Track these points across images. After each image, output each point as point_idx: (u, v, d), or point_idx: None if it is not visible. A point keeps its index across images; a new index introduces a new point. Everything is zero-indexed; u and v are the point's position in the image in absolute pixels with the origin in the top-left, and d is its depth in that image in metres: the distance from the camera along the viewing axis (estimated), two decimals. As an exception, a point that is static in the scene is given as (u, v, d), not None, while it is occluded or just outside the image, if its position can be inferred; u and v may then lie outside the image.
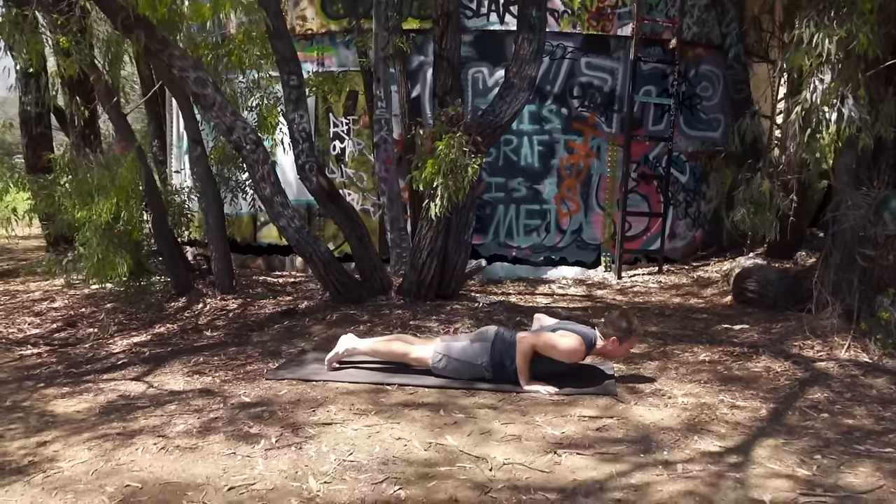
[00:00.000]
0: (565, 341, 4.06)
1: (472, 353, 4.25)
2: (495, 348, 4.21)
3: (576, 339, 4.08)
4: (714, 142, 8.77)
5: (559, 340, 4.06)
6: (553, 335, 4.09)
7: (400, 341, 4.52)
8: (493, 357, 4.19)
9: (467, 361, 4.24)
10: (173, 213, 6.96)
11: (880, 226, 4.52)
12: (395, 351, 4.40)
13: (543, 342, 4.06)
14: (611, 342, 4.16)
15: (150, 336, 5.65)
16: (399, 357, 4.40)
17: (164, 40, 5.29)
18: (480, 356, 4.22)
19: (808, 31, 4.22)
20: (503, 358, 4.17)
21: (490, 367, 4.19)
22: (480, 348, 4.24)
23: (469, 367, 4.24)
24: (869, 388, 4.11)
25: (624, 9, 7.96)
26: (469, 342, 4.32)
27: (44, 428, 3.56)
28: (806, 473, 2.99)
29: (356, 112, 8.12)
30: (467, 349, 4.28)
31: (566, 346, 4.05)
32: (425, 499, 2.75)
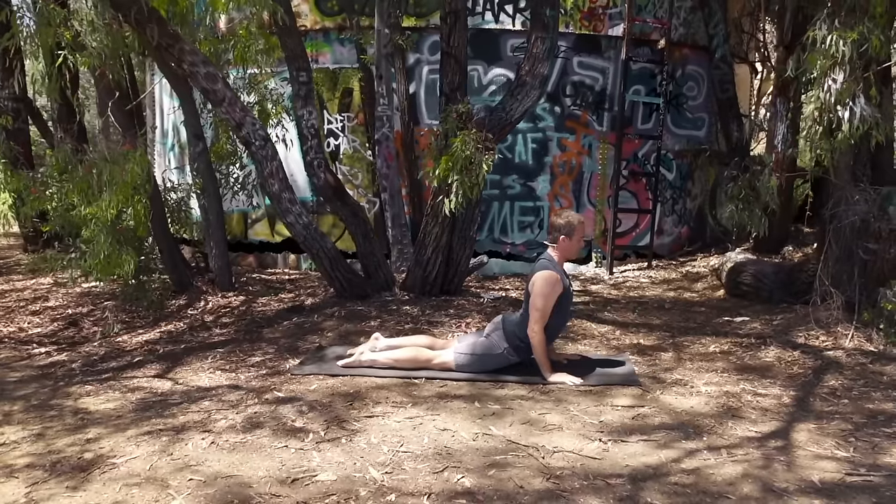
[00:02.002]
0: (539, 286, 4.18)
1: (492, 343, 4.36)
2: (506, 329, 4.34)
3: (541, 274, 4.21)
4: (699, 140, 8.99)
5: (538, 293, 4.17)
6: (532, 300, 4.19)
7: (419, 347, 4.52)
8: (510, 340, 4.31)
9: (490, 353, 4.34)
10: (170, 210, 6.88)
11: (884, 220, 4.72)
12: (418, 359, 4.42)
13: (538, 313, 4.17)
14: (562, 242, 4.31)
15: (159, 334, 5.60)
16: (422, 364, 4.43)
17: (175, 35, 5.24)
18: (500, 344, 4.33)
19: (821, 33, 4.37)
20: (517, 334, 4.29)
21: (511, 350, 4.31)
22: (497, 337, 4.36)
23: (493, 357, 4.33)
24: (880, 374, 4.29)
25: (615, 9, 8.10)
26: (486, 336, 4.42)
27: (84, 426, 3.52)
28: (845, 455, 3.12)
29: (351, 109, 8.11)
30: (486, 342, 4.37)
31: (543, 287, 4.18)
32: (492, 487, 2.80)
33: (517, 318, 4.39)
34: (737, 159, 7.82)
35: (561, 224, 4.33)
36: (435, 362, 4.39)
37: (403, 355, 4.45)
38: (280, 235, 8.55)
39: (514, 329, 4.33)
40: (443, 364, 4.37)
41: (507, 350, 4.32)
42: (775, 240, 7.71)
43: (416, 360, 4.43)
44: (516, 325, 4.34)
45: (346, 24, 7.96)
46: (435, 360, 4.40)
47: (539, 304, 4.19)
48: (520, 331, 4.28)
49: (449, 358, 4.37)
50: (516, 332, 4.31)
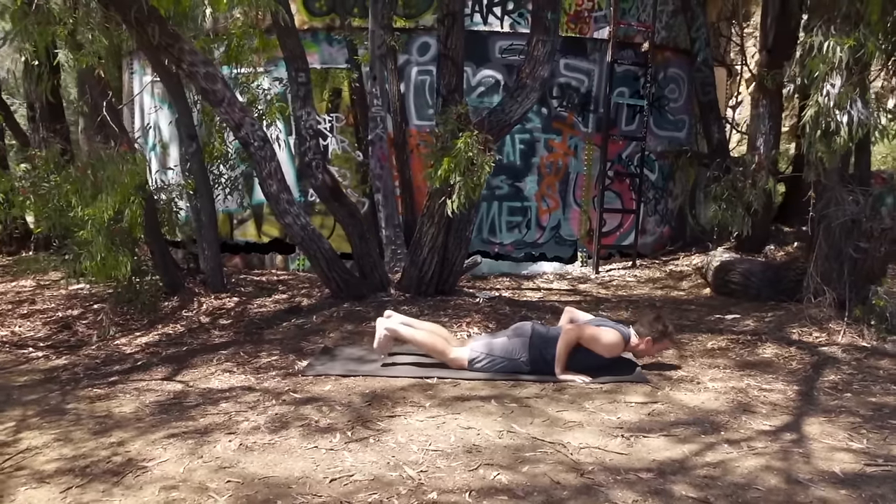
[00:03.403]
0: (608, 335, 4.27)
1: (511, 348, 4.39)
2: (533, 343, 4.37)
3: (616, 334, 4.29)
4: (680, 142, 9.18)
5: (603, 334, 4.26)
6: (598, 329, 4.27)
7: (438, 336, 4.57)
8: (531, 352, 4.35)
9: (508, 358, 4.38)
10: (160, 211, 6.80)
11: (877, 220, 4.90)
12: (436, 347, 4.48)
13: (589, 335, 4.24)
14: (645, 342, 4.39)
15: (157, 336, 5.55)
16: (438, 354, 4.48)
17: (175, 35, 5.20)
18: (520, 352, 4.37)
19: (818, 39, 4.52)
20: (542, 352, 4.33)
21: (529, 362, 4.35)
22: (520, 344, 4.39)
23: (509, 362, 4.37)
24: (876, 369, 4.45)
25: (600, 12, 8.22)
26: (507, 339, 4.45)
27: (106, 429, 3.49)
28: (860, 446, 3.25)
29: (340, 110, 8.11)
30: (507, 345, 4.41)
31: (609, 341, 4.26)
32: (528, 483, 2.86)
33: (549, 335, 4.37)
34: (718, 160, 8.01)
35: (658, 328, 4.38)
36: (450, 356, 4.43)
37: (422, 338, 4.49)
38: (267, 236, 8.51)
39: (544, 344, 4.33)
40: (457, 360, 4.42)
41: (525, 360, 4.35)
42: (757, 239, 7.90)
43: (433, 348, 4.48)
44: (547, 340, 4.34)
45: (334, 24, 7.96)
46: (450, 354, 4.43)
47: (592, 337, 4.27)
48: (547, 350, 4.30)
49: (464, 355, 4.41)
50: (542, 351, 4.32)
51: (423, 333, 4.53)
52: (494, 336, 4.54)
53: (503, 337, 4.47)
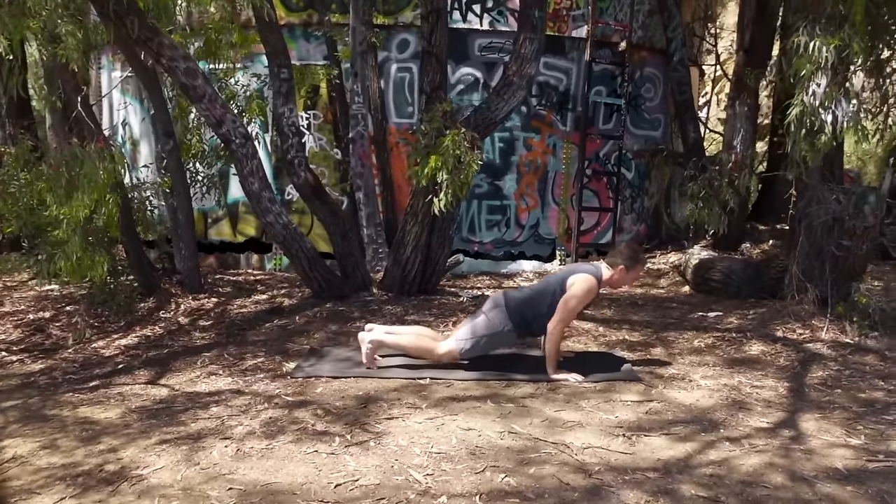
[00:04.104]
0: (581, 287, 4.21)
1: (493, 322, 4.36)
2: (511, 308, 4.34)
3: (586, 278, 4.24)
4: (656, 141, 9.24)
5: (574, 294, 4.20)
6: (566, 297, 4.20)
7: (424, 337, 4.53)
8: (512, 317, 4.33)
9: (493, 332, 4.34)
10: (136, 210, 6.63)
11: (860, 218, 4.96)
12: (423, 348, 4.43)
13: (567, 313, 4.22)
14: (618, 271, 4.33)
15: (136, 339, 5.41)
16: (427, 354, 4.44)
17: (154, 29, 5.06)
18: (502, 322, 4.34)
19: (804, 39, 4.57)
20: (524, 315, 4.32)
21: (513, 328, 4.33)
22: (499, 314, 4.35)
23: (496, 335, 4.35)
24: (862, 365, 4.52)
25: (578, 11, 8.24)
26: (486, 315, 4.40)
27: (93, 436, 3.37)
28: (858, 442, 3.28)
29: (318, 107, 8.00)
30: (487, 321, 4.37)
31: (582, 291, 4.21)
32: (537, 485, 2.82)
33: (524, 297, 4.40)
34: (694, 159, 8.09)
35: (628, 254, 4.36)
36: (439, 352, 4.38)
37: (407, 343, 4.45)
38: (242, 235, 8.36)
39: (521, 308, 4.33)
40: (447, 354, 4.37)
41: (510, 329, 4.33)
42: (733, 237, 7.99)
43: (420, 348, 4.43)
44: (523, 304, 4.35)
45: (311, 20, 7.84)
46: (438, 351, 4.39)
47: (572, 305, 4.22)
48: (528, 310, 4.30)
49: (452, 346, 4.36)
50: (523, 314, 4.31)
51: (407, 338, 4.47)
52: (474, 317, 4.47)
53: (482, 315, 4.42)
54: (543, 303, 4.30)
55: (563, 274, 4.41)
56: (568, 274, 4.36)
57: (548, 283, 4.46)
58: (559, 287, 4.30)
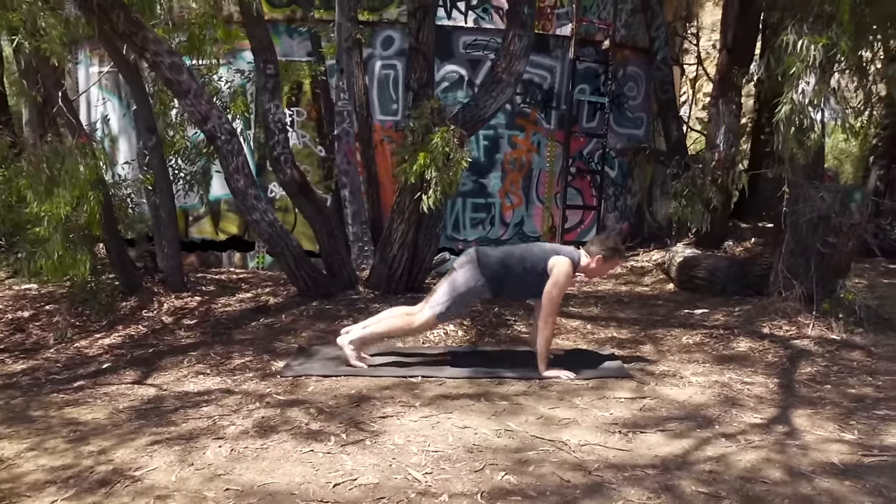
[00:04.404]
0: (559, 276, 4.18)
1: (465, 279, 4.30)
2: (483, 263, 4.29)
3: (565, 262, 4.21)
4: (638, 139, 9.29)
5: (556, 283, 4.18)
6: (548, 289, 4.18)
7: (397, 316, 4.49)
8: (484, 271, 4.27)
9: (467, 289, 4.29)
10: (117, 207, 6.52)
11: (846, 216, 5.01)
12: (400, 327, 4.42)
13: (554, 306, 4.20)
14: (596, 260, 4.32)
15: (120, 338, 5.31)
16: (406, 331, 4.46)
17: (138, 23, 4.97)
18: (475, 277, 4.28)
19: (792, 38, 4.60)
20: (496, 271, 4.27)
21: (486, 283, 4.28)
22: (472, 270, 4.30)
23: (471, 292, 4.31)
24: (849, 361, 4.56)
25: (562, 9, 8.25)
26: (458, 273, 4.34)
27: (82, 438, 3.29)
28: (852, 437, 3.31)
29: (301, 104, 7.92)
30: (460, 279, 4.31)
31: (563, 279, 4.19)
32: (538, 483, 2.81)
33: (497, 254, 4.36)
34: (677, 157, 8.14)
35: (609, 246, 4.35)
36: (417, 324, 4.37)
37: (384, 328, 4.42)
38: (224, 233, 8.27)
39: (495, 266, 4.28)
40: (425, 323, 4.36)
41: (483, 283, 4.28)
42: (716, 235, 8.05)
43: (398, 328, 4.43)
44: (497, 262, 4.29)
45: (294, 16, 7.77)
46: (416, 323, 4.37)
47: (555, 295, 4.20)
48: (501, 268, 4.27)
49: (428, 314, 4.33)
50: (496, 269, 4.27)
51: (383, 323, 4.43)
52: (447, 278, 4.41)
53: (454, 273, 4.36)
54: (521, 270, 4.25)
55: (543, 252, 4.34)
56: (550, 253, 4.30)
57: (528, 252, 4.37)
58: (542, 264, 4.24)
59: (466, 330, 5.37)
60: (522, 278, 4.27)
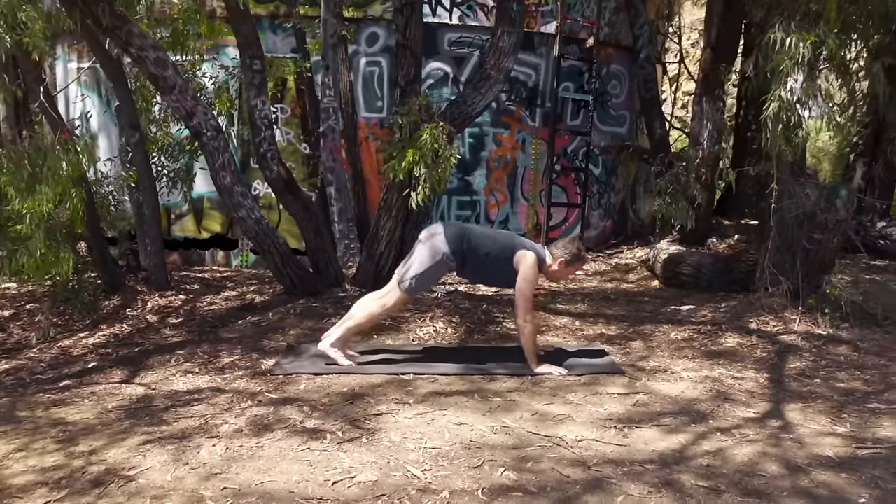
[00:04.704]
0: (527, 273, 4.17)
1: (433, 250, 4.25)
2: (448, 236, 4.24)
3: (532, 258, 4.21)
4: (622, 137, 9.33)
5: (526, 279, 4.17)
6: (520, 287, 4.17)
7: (369, 303, 4.44)
8: (450, 244, 4.22)
9: (432, 262, 4.24)
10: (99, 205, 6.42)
11: (832, 212, 5.06)
12: (374, 312, 4.38)
13: (528, 302, 4.19)
14: (558, 263, 4.32)
15: (104, 337, 5.22)
16: (382, 313, 4.43)
17: (123, 17, 4.89)
18: (440, 250, 4.23)
19: (780, 35, 4.64)
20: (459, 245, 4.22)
21: (451, 254, 4.22)
22: (437, 242, 4.25)
23: (435, 267, 4.27)
24: (836, 356, 4.61)
25: (546, 7, 8.26)
26: (422, 246, 4.31)
27: (72, 438, 3.23)
28: (844, 430, 3.34)
29: (285, 100, 7.85)
30: (426, 251, 4.27)
31: (532, 275, 4.19)
32: (538, 479, 2.80)
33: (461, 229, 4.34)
34: (661, 155, 8.18)
35: (572, 250, 4.34)
36: (391, 304, 4.35)
37: (360, 319, 4.37)
38: (207, 231, 8.17)
39: (458, 240, 4.23)
40: (397, 303, 4.35)
41: (448, 255, 4.22)
42: (700, 232, 8.09)
43: (376, 313, 4.38)
44: (460, 237, 4.24)
45: (278, 11, 7.71)
46: (389, 304, 4.35)
47: (528, 293, 4.19)
48: (465, 244, 4.22)
49: (398, 293, 4.31)
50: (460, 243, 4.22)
51: (358, 315, 4.38)
52: (412, 254, 4.38)
53: (419, 246, 4.33)
54: (486, 252, 4.24)
55: (511, 242, 4.31)
56: (518, 245, 4.28)
57: (496, 238, 4.35)
58: (509, 253, 4.23)
59: (456, 327, 5.36)
60: (487, 261, 4.27)
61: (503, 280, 4.37)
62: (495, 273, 4.34)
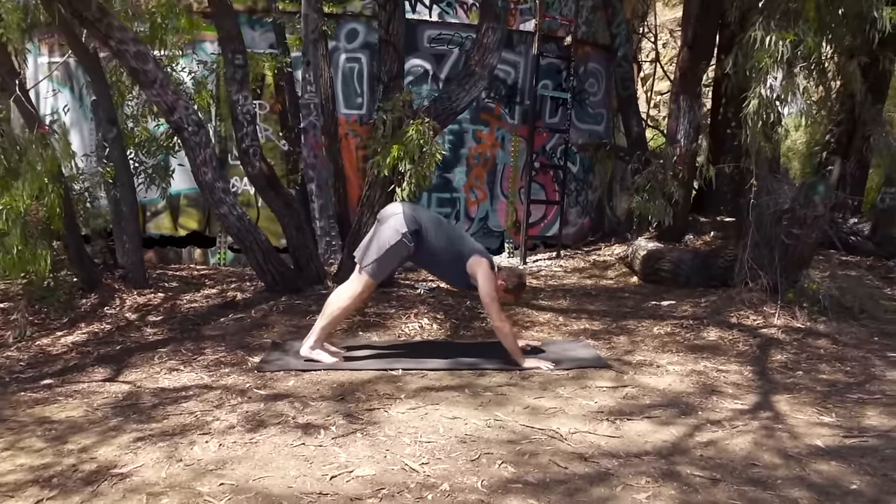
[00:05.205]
0: (483, 277, 4.20)
1: (388, 234, 4.22)
2: (407, 215, 4.22)
3: (485, 264, 4.26)
4: (599, 135, 9.40)
5: (484, 286, 4.20)
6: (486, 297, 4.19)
7: (338, 298, 4.38)
8: (409, 224, 4.19)
9: (393, 243, 4.20)
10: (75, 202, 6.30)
11: (810, 208, 5.15)
12: (347, 305, 4.35)
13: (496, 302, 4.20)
14: (501, 284, 4.35)
15: (84, 336, 5.13)
16: (353, 304, 4.40)
17: (102, 9, 4.81)
18: (398, 230, 4.19)
19: (760, 34, 4.71)
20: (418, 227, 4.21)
21: (410, 234, 4.19)
22: (396, 222, 4.22)
23: (394, 249, 4.22)
24: (816, 349, 4.69)
25: (525, 5, 8.29)
26: (382, 226, 4.29)
27: (60, 436, 3.17)
28: (831, 420, 3.40)
29: (263, 97, 7.78)
30: (383, 232, 4.25)
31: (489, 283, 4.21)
32: (538, 472, 2.80)
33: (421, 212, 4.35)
34: (638, 153, 8.26)
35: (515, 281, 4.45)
36: (360, 290, 4.32)
37: (333, 311, 4.33)
38: (184, 229, 8.07)
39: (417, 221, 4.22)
40: (364, 290, 4.33)
41: (407, 236, 4.19)
42: (677, 229, 8.19)
43: (346, 307, 4.36)
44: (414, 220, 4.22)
45: (256, 6, 7.63)
46: (359, 290, 4.32)
47: (492, 293, 4.20)
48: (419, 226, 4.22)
49: (364, 279, 4.29)
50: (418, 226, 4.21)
51: (330, 311, 4.34)
52: (372, 235, 4.35)
53: (379, 227, 4.32)
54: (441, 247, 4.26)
55: (468, 247, 4.32)
56: (473, 251, 4.29)
57: (454, 238, 4.35)
58: (465, 257, 4.26)
59: (441, 323, 5.36)
60: (440, 256, 4.30)
61: (451, 276, 4.44)
62: (445, 267, 4.39)
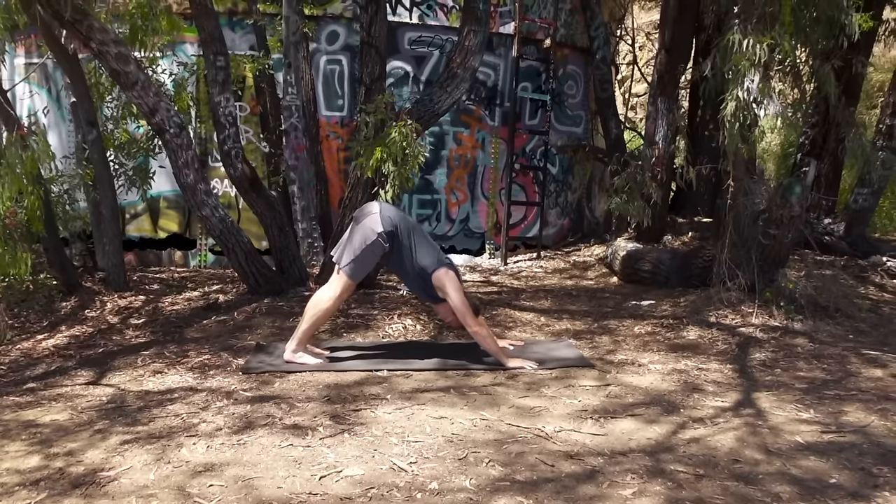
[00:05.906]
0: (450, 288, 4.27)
1: (363, 235, 4.26)
2: (383, 214, 4.28)
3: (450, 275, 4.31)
4: (578, 137, 9.48)
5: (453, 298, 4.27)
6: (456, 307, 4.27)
7: (317, 300, 4.41)
8: (384, 223, 4.24)
9: (364, 242, 4.24)
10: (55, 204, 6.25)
11: (786, 208, 5.25)
12: (325, 307, 4.37)
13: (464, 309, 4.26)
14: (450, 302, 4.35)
15: (65, 339, 5.10)
16: (332, 306, 4.40)
17: (83, 10, 4.78)
18: (374, 230, 4.24)
19: (737, 37, 4.79)
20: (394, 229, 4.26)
21: (384, 232, 4.23)
22: (370, 224, 4.26)
23: (371, 249, 4.25)
24: (794, 346, 4.78)
25: (505, 8, 8.34)
26: (359, 226, 4.32)
27: (46, 440, 3.15)
28: (810, 416, 3.48)
29: (244, 98, 7.76)
30: (359, 232, 4.29)
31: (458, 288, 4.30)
32: (525, 470, 2.84)
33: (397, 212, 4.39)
34: (617, 155, 8.34)
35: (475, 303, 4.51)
36: (339, 292, 4.34)
37: (313, 315, 4.35)
38: (164, 231, 8.01)
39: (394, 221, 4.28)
40: (342, 291, 4.34)
41: (382, 235, 4.23)
42: (656, 229, 8.28)
43: (326, 309, 4.37)
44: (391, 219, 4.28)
45: (236, 8, 7.61)
46: (338, 292, 4.34)
47: (458, 304, 4.25)
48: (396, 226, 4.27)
49: (343, 280, 4.32)
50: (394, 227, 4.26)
51: (311, 314, 4.37)
52: (349, 234, 4.38)
53: (356, 226, 4.34)
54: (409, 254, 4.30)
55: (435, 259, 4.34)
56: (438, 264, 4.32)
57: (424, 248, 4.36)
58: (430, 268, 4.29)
59: (424, 324, 5.39)
60: (407, 263, 4.34)
61: (417, 285, 4.49)
62: (411, 277, 4.44)
